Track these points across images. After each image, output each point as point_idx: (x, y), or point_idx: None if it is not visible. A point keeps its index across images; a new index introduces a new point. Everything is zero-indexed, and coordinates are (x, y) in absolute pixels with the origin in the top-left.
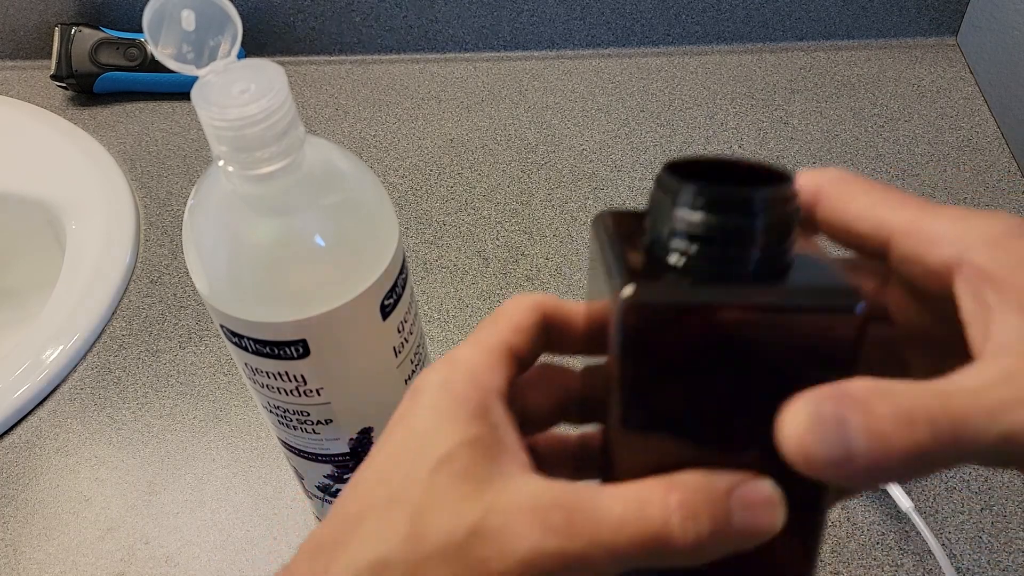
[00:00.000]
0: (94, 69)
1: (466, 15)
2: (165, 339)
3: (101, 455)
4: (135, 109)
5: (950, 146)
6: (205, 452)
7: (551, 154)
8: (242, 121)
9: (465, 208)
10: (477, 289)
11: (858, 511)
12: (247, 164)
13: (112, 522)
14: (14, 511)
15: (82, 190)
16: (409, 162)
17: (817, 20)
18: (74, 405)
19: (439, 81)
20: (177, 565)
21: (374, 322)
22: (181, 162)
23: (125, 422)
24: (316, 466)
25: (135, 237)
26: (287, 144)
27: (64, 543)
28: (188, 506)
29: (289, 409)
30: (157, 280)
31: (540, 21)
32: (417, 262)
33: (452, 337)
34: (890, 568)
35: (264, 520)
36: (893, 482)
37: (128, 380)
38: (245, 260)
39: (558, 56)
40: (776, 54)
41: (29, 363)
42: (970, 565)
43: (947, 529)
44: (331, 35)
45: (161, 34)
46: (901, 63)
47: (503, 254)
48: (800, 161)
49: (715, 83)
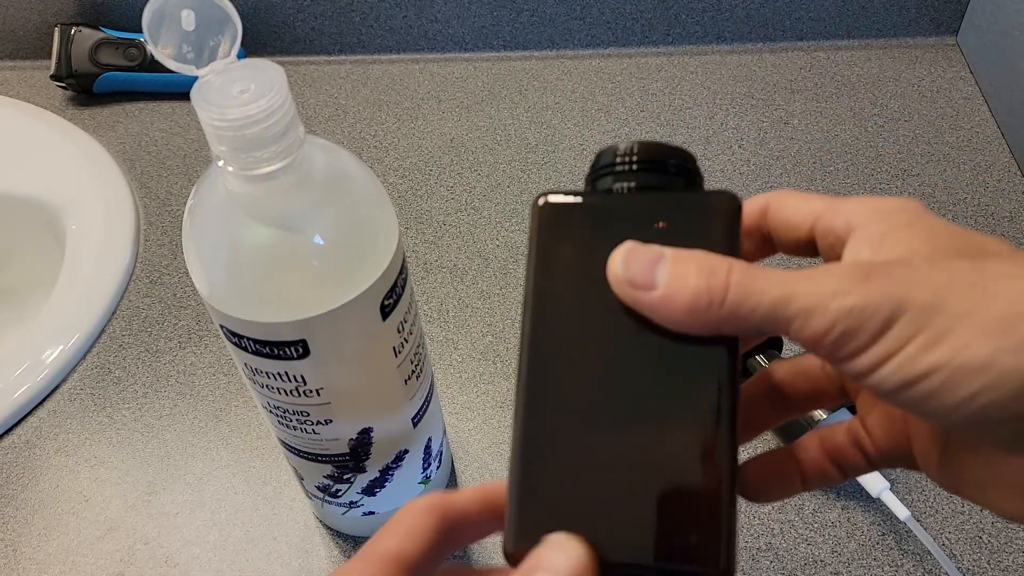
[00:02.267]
0: (94, 69)
1: (466, 15)
2: (165, 339)
3: (101, 455)
4: (135, 109)
5: (950, 146)
6: (205, 452)
7: (551, 154)
8: (242, 121)
9: (465, 208)
10: (477, 289)
11: (857, 512)
12: (247, 164)
13: (112, 522)
14: (14, 511)
15: (82, 190)
16: (409, 162)
17: (817, 20)
18: (74, 405)
19: (439, 81)
20: (177, 565)
21: (374, 322)
22: (181, 162)
23: (125, 422)
24: (316, 466)
25: (135, 237)
26: (287, 144)
27: (64, 543)
28: (188, 506)
29: (289, 409)
30: (157, 280)
31: (540, 21)
32: (417, 262)
33: (452, 337)
34: (890, 568)
35: (264, 520)
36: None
37: (128, 380)
38: (245, 260)
39: (558, 56)
40: (776, 54)
41: (29, 363)
42: (970, 566)
43: (947, 530)
44: (331, 35)
45: (161, 34)
46: (901, 63)
47: (503, 254)
48: (800, 161)
49: (715, 83)
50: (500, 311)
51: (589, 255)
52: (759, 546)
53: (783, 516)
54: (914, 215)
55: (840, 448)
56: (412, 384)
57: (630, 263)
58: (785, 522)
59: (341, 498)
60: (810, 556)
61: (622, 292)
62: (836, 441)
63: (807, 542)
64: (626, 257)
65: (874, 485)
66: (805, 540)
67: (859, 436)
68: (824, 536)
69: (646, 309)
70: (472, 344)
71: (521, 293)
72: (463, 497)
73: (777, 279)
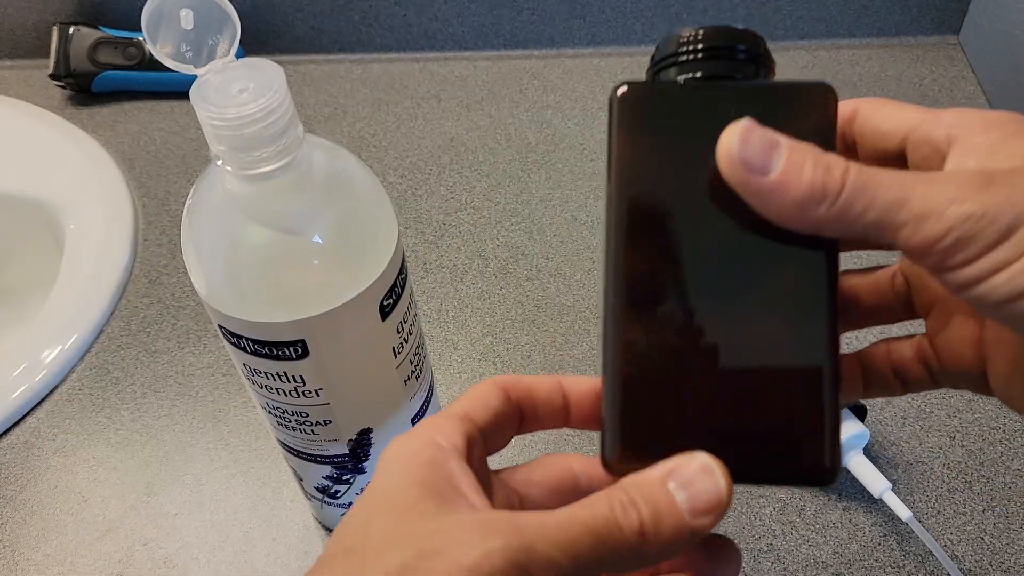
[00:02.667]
0: (92, 68)
1: (466, 14)
2: (163, 339)
3: (99, 456)
4: (133, 108)
5: None
6: (204, 453)
7: (551, 154)
8: (241, 120)
9: (465, 208)
10: (477, 289)
11: (859, 513)
12: (246, 163)
13: (110, 523)
14: (12, 512)
15: (80, 190)
16: (409, 162)
17: (819, 19)
18: (72, 406)
19: (439, 80)
20: (176, 566)
21: (373, 322)
22: (180, 161)
23: (123, 423)
24: (315, 467)
25: (133, 237)
26: (286, 143)
27: (62, 544)
28: (187, 507)
29: (288, 410)
30: (155, 280)
31: (540, 20)
32: (417, 262)
33: (452, 337)
34: (892, 569)
35: (263, 521)
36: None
37: (126, 380)
38: (243, 260)
39: (558, 55)
40: (777, 53)
41: (27, 363)
42: (972, 566)
43: (949, 531)
44: (331, 34)
45: (160, 33)
46: (903, 62)
47: (503, 254)
48: None
49: None
50: (500, 311)
51: (681, 146)
52: (760, 547)
53: (784, 517)
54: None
55: (906, 362)
56: (412, 384)
57: (748, 141)
58: (787, 523)
59: (340, 499)
60: (812, 557)
61: (733, 173)
62: (903, 354)
63: (809, 543)
64: (744, 134)
65: (876, 486)
66: (807, 541)
67: (926, 354)
68: (826, 537)
69: (755, 194)
70: (472, 344)
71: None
72: (534, 379)
73: (893, 180)
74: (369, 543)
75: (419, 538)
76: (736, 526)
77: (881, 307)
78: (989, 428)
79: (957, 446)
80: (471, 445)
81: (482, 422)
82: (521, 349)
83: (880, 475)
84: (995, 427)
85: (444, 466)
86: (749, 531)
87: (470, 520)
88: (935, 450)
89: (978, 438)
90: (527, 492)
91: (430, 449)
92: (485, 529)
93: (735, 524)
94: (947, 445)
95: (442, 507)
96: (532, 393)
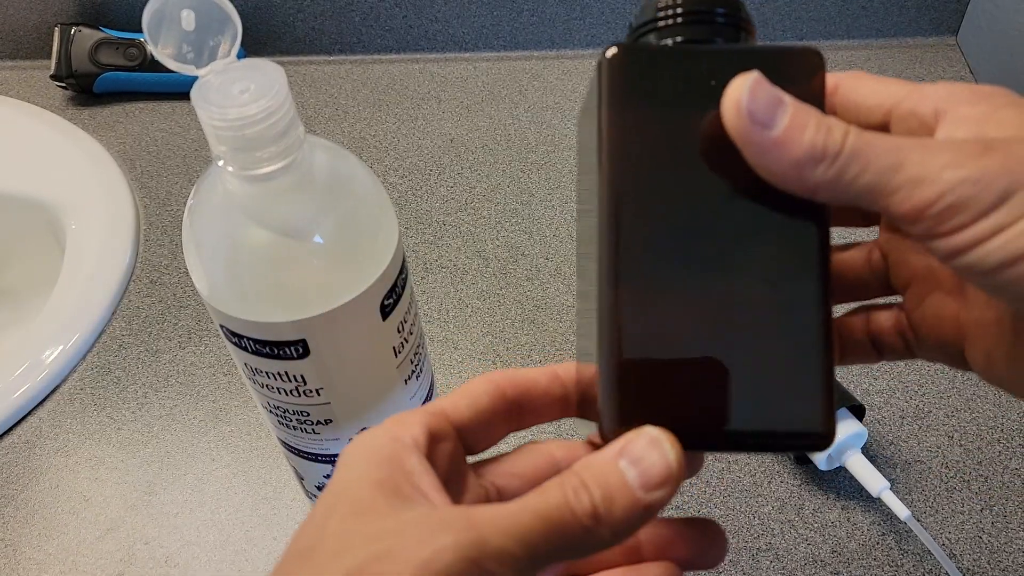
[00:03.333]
0: (94, 69)
1: (466, 15)
2: (165, 339)
3: (101, 455)
4: (135, 109)
5: None
6: (205, 452)
7: (551, 154)
8: (242, 121)
9: (465, 208)
10: (477, 289)
11: (857, 512)
12: (247, 164)
13: (112, 522)
14: (14, 511)
15: (82, 190)
16: (409, 162)
17: (817, 20)
18: (74, 405)
19: (439, 81)
20: (177, 565)
21: (374, 322)
22: (181, 162)
23: (125, 422)
24: (316, 466)
25: (135, 237)
26: (287, 144)
27: (64, 543)
28: (188, 506)
29: (289, 409)
30: (157, 280)
31: (540, 21)
32: (417, 262)
33: (452, 337)
34: (890, 568)
35: (264, 520)
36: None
37: (128, 380)
38: (245, 260)
39: (558, 56)
40: None
41: (29, 363)
42: (970, 565)
43: (947, 530)
44: (331, 35)
45: (161, 34)
46: (901, 63)
47: (503, 254)
48: None
49: None
50: (500, 311)
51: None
52: (759, 546)
53: (783, 516)
54: (1014, 97)
55: (884, 332)
56: (412, 384)
57: (756, 94)
58: (785, 522)
59: None
60: (810, 556)
61: (737, 123)
62: (881, 324)
63: (807, 542)
64: (753, 87)
65: (874, 485)
66: (805, 540)
67: (903, 326)
68: (824, 536)
69: (755, 148)
70: (472, 344)
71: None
72: (528, 372)
73: (890, 145)
74: (324, 544)
75: (372, 539)
76: (735, 525)
77: (857, 284)
78: (987, 428)
79: (955, 445)
80: (435, 440)
81: (461, 418)
82: (521, 349)
83: (878, 474)
84: (993, 427)
85: (403, 462)
86: (748, 530)
87: (423, 518)
88: (933, 449)
89: (976, 437)
90: (507, 484)
91: (391, 445)
92: (437, 527)
93: (733, 523)
94: (945, 444)
95: (398, 505)
96: (530, 386)
